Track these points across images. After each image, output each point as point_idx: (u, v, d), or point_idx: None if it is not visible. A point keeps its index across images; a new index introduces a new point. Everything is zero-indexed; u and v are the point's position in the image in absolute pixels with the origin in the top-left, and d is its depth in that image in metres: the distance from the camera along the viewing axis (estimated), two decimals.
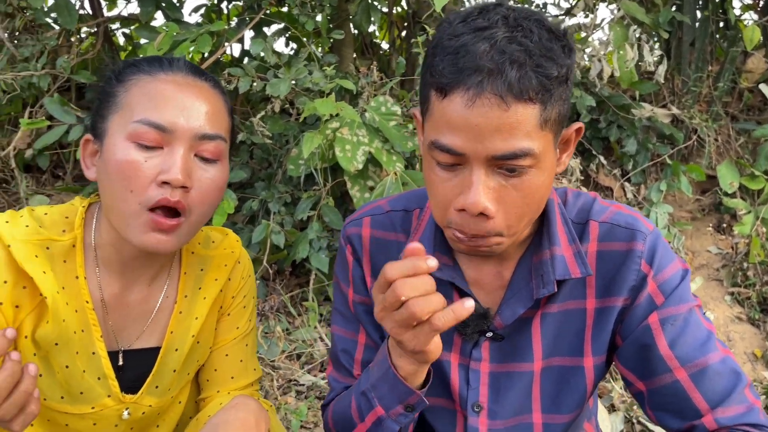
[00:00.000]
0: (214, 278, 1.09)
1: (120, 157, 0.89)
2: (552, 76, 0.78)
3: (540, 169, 0.82)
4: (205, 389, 1.13)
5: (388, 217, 1.04)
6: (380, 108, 2.41)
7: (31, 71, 2.34)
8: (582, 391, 0.97)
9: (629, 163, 2.80)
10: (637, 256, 0.91)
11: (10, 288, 0.91)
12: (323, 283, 2.54)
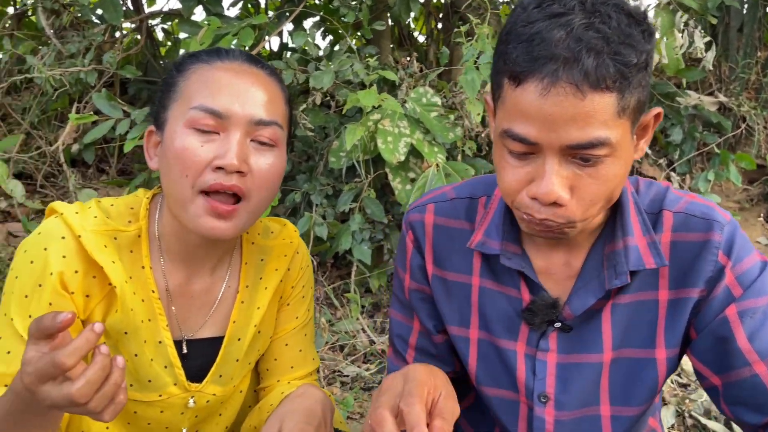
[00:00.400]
0: (274, 268, 1.10)
1: (178, 143, 0.90)
2: (631, 63, 0.76)
3: (616, 157, 0.80)
4: (264, 378, 1.14)
5: (452, 204, 1.02)
6: (421, 99, 2.40)
7: (78, 67, 2.38)
8: (653, 383, 0.95)
9: (675, 153, 2.74)
10: (714, 246, 0.89)
11: (81, 277, 0.93)
12: (365, 275, 2.55)
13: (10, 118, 3.00)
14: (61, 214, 0.94)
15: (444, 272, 1.01)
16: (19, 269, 0.93)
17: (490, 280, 0.99)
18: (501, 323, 0.98)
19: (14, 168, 2.71)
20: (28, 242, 0.94)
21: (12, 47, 2.60)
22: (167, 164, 0.91)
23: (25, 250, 0.93)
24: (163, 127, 0.94)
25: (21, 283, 0.92)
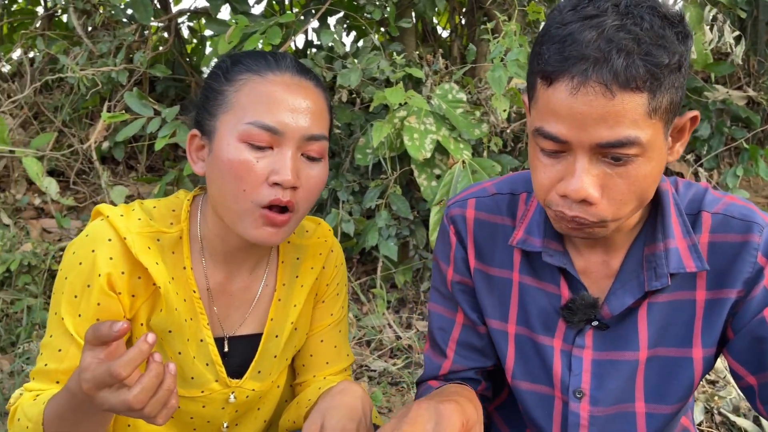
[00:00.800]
0: (310, 266, 1.12)
1: (233, 156, 0.92)
2: (662, 64, 0.76)
3: (647, 158, 0.81)
4: (301, 374, 1.17)
5: (493, 200, 1.04)
6: (446, 96, 2.40)
7: (110, 66, 2.42)
8: (689, 382, 0.96)
9: (702, 148, 2.72)
10: (753, 248, 0.89)
11: (127, 278, 0.96)
12: (390, 271, 2.57)
13: (42, 116, 3.07)
14: (107, 216, 0.97)
15: (485, 266, 1.03)
16: (69, 270, 0.96)
17: (530, 277, 1.00)
18: (539, 319, 0.99)
19: (47, 165, 2.77)
20: (77, 244, 0.97)
21: (45, 47, 2.66)
22: (220, 175, 0.93)
23: (74, 252, 0.97)
24: (212, 135, 0.96)
25: (70, 283, 0.95)
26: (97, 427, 0.88)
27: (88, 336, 0.74)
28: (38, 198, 2.80)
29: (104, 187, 2.55)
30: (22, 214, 2.83)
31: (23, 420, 0.91)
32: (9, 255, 2.40)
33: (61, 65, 2.58)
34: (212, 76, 0.99)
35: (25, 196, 2.81)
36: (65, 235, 2.68)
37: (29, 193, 2.89)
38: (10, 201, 2.81)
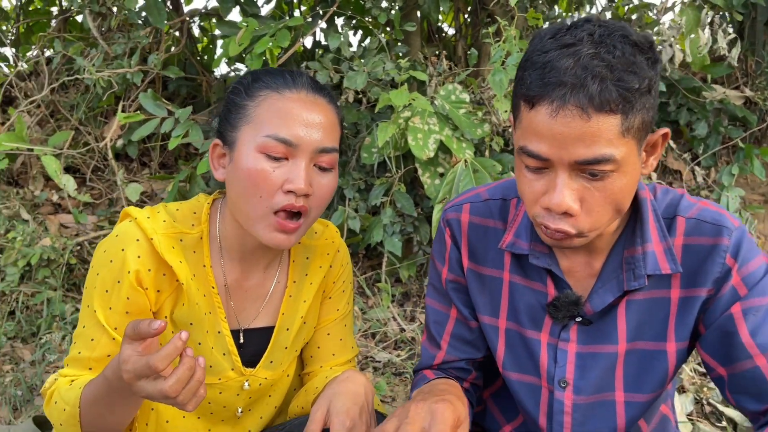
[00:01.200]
0: (318, 265, 1.21)
1: (251, 165, 1.01)
2: (633, 88, 0.84)
3: (622, 173, 0.89)
4: (309, 364, 1.26)
5: (486, 205, 1.13)
6: (450, 96, 2.48)
7: (125, 68, 2.51)
8: (664, 373, 1.05)
9: (699, 147, 2.78)
10: (722, 250, 0.98)
11: (153, 275, 1.05)
12: (395, 266, 2.66)
13: (57, 114, 3.17)
14: (135, 218, 1.06)
15: (478, 266, 1.12)
16: (100, 267, 1.06)
17: (519, 276, 1.09)
18: (527, 315, 1.08)
19: (63, 162, 2.87)
20: (107, 243, 1.06)
21: (62, 48, 2.75)
22: (239, 182, 1.03)
23: (105, 250, 1.06)
24: (233, 145, 1.05)
25: (102, 279, 1.05)
26: (129, 410, 0.98)
27: (128, 331, 0.83)
28: (56, 194, 2.90)
29: (120, 184, 2.65)
30: (40, 210, 2.93)
31: (60, 403, 1.01)
32: (29, 249, 2.51)
33: (78, 66, 2.67)
34: (234, 91, 1.08)
35: (42, 192, 2.92)
36: (82, 230, 2.78)
37: (46, 190, 2.99)
38: (28, 197, 2.91)
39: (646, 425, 1.15)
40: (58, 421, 1.02)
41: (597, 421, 1.07)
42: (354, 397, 1.02)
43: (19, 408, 2.06)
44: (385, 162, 2.48)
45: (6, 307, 2.46)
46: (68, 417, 0.99)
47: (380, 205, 2.52)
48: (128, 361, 0.83)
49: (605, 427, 1.07)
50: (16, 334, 2.39)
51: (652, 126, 0.91)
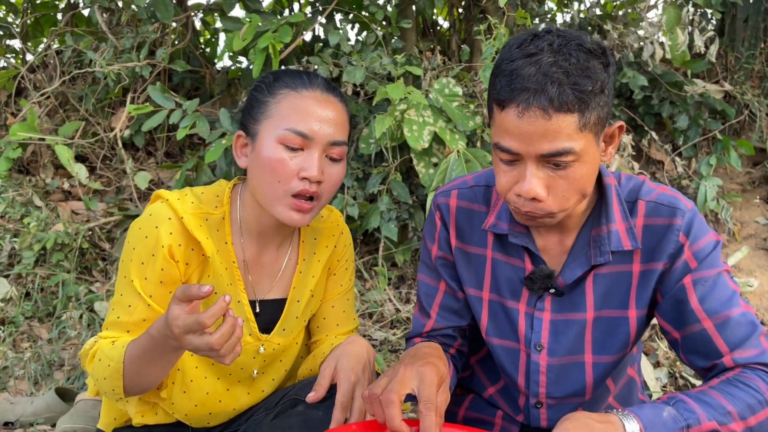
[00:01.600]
0: (325, 245, 1.36)
1: (271, 154, 1.15)
2: (587, 90, 0.99)
3: (582, 162, 1.04)
4: (315, 334, 1.41)
5: (472, 191, 1.27)
6: (443, 90, 2.62)
7: (134, 61, 2.64)
8: (626, 337, 1.20)
9: (680, 138, 2.93)
10: (676, 229, 1.13)
11: (183, 249, 1.20)
12: (391, 251, 2.80)
13: (66, 105, 3.29)
14: (167, 200, 1.21)
15: (465, 245, 1.27)
16: (136, 242, 1.20)
17: (501, 253, 1.24)
18: (507, 287, 1.23)
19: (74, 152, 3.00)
20: (141, 222, 1.21)
21: (72, 42, 2.87)
22: (260, 169, 1.17)
23: (140, 228, 1.20)
24: (255, 137, 1.20)
25: (137, 253, 1.19)
26: (166, 365, 1.12)
27: (178, 294, 0.98)
28: (66, 182, 3.03)
29: (129, 172, 2.78)
30: (51, 197, 3.06)
31: (104, 360, 1.15)
32: (44, 234, 2.64)
33: (88, 59, 2.79)
34: (257, 89, 1.23)
35: (54, 180, 3.04)
36: (92, 216, 2.91)
37: (57, 178, 3.12)
38: (40, 185, 3.04)
39: (613, 385, 1.30)
40: (102, 375, 1.16)
41: (568, 380, 1.22)
42: (358, 357, 1.17)
43: (40, 382, 2.21)
44: (382, 152, 2.62)
45: (22, 288, 2.59)
46: (112, 372, 1.14)
47: (377, 193, 2.66)
48: (178, 317, 0.98)
49: (576, 386, 1.23)
50: (33, 313, 2.53)
51: (608, 120, 1.06)
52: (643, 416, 1.00)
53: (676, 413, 1.01)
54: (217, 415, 1.30)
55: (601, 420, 0.98)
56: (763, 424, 1.05)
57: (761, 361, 1.08)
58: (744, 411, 1.03)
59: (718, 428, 1.01)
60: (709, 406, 1.02)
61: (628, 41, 2.70)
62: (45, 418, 1.93)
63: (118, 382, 1.14)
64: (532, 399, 1.25)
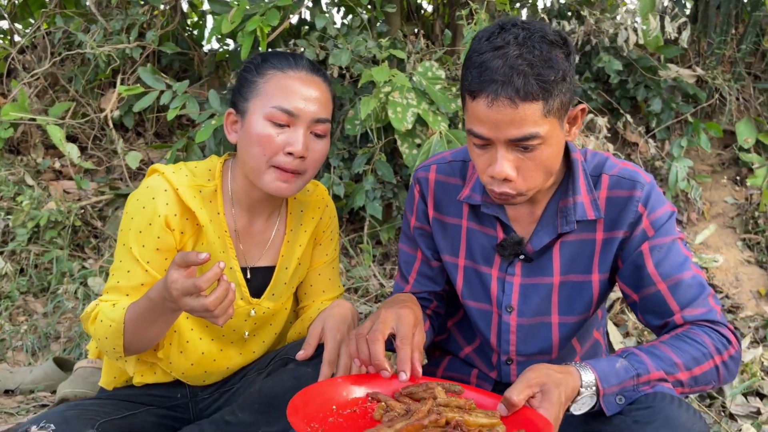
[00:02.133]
0: (311, 217, 1.46)
1: (259, 130, 1.25)
2: (550, 80, 1.09)
3: (548, 144, 1.14)
4: (302, 300, 1.52)
5: (450, 165, 1.38)
6: (427, 73, 2.70)
7: (124, 43, 2.69)
8: (589, 299, 1.31)
9: (654, 121, 3.05)
10: (636, 200, 1.24)
11: (178, 219, 1.29)
12: (376, 229, 2.90)
13: (55, 86, 3.33)
14: (163, 173, 1.29)
15: (441, 216, 1.37)
16: (134, 213, 1.28)
17: (475, 223, 1.34)
18: (481, 254, 1.34)
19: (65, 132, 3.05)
20: (139, 194, 1.29)
21: (63, 24, 2.92)
22: (248, 143, 1.26)
23: (137, 199, 1.29)
24: (244, 114, 1.28)
25: (136, 222, 1.28)
26: (164, 326, 1.22)
27: (177, 259, 1.07)
28: (57, 162, 3.09)
29: (120, 152, 2.84)
30: (43, 177, 3.12)
31: (105, 321, 1.24)
32: (37, 212, 2.71)
33: (78, 40, 2.84)
34: (246, 70, 1.31)
35: (45, 159, 3.10)
36: (83, 195, 2.98)
37: (47, 157, 3.17)
38: (31, 164, 3.09)
39: (580, 347, 1.42)
40: (103, 335, 1.25)
41: (536, 339, 1.34)
42: (343, 318, 1.28)
43: (37, 353, 2.29)
44: (367, 133, 2.70)
45: (17, 265, 2.66)
46: (113, 332, 1.23)
47: (363, 172, 2.75)
48: (177, 281, 1.07)
49: (543, 344, 1.34)
50: (28, 289, 2.60)
51: (570, 104, 1.16)
52: (598, 367, 1.11)
53: (628, 364, 1.12)
54: (212, 374, 1.40)
55: (560, 370, 1.09)
56: (707, 374, 1.17)
57: (708, 318, 1.20)
58: (689, 362, 1.15)
59: (665, 377, 1.13)
60: (658, 358, 1.14)
61: (604, 27, 2.79)
62: (44, 385, 2.02)
63: (119, 341, 1.23)
64: (503, 356, 1.36)
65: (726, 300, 2.62)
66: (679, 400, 1.10)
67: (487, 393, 1.17)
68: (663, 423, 1.06)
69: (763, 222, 2.79)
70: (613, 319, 2.41)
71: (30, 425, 1.15)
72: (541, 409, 1.03)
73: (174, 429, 1.39)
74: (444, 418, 1.00)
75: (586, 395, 1.10)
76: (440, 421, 0.99)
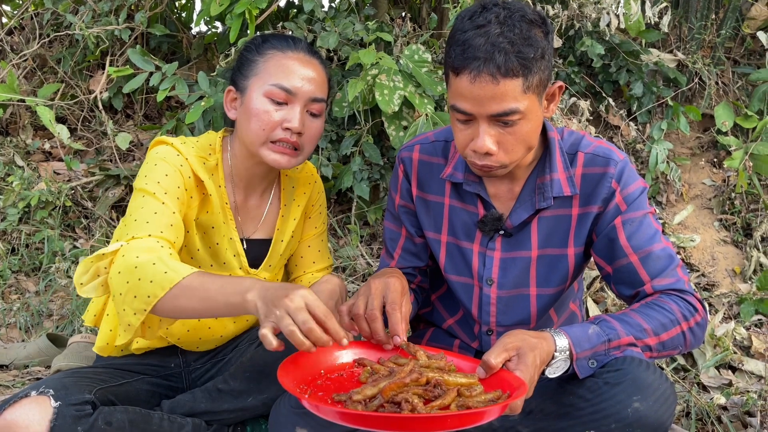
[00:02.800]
0: (303, 192, 1.52)
1: (259, 107, 1.30)
2: (530, 57, 1.15)
3: (527, 120, 1.20)
4: (293, 272, 1.58)
5: (433, 145, 1.43)
6: (413, 56, 2.75)
7: (113, 25, 2.71)
8: (565, 271, 1.38)
9: (635, 105, 3.12)
10: (609, 177, 1.30)
11: (192, 182, 1.34)
12: (363, 210, 2.96)
13: (44, 67, 3.34)
14: (172, 144, 1.35)
15: (425, 194, 1.43)
16: (157, 160, 1.32)
17: (456, 200, 1.40)
18: (463, 230, 1.40)
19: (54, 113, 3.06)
20: (158, 149, 1.33)
21: (52, 5, 2.92)
22: (248, 120, 1.32)
23: (157, 152, 1.33)
24: (244, 91, 1.34)
25: (159, 169, 1.31)
26: (207, 312, 1.15)
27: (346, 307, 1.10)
28: (47, 143, 3.11)
29: (110, 134, 2.87)
30: (32, 158, 3.14)
31: (160, 265, 1.14)
32: (28, 192, 2.74)
33: (67, 22, 2.85)
34: (247, 49, 1.37)
35: (35, 141, 3.12)
36: (73, 176, 3.01)
37: (37, 139, 3.19)
38: (21, 146, 3.11)
39: (556, 317, 1.49)
40: (134, 275, 1.13)
41: (515, 310, 1.41)
42: (331, 293, 1.34)
43: (30, 330, 2.33)
44: (355, 115, 2.75)
45: (8, 244, 2.70)
46: (161, 277, 1.13)
47: (350, 154, 2.80)
48: (301, 310, 1.04)
49: (522, 315, 1.41)
50: (20, 268, 2.64)
51: (549, 81, 1.22)
52: (572, 333, 1.18)
53: (600, 330, 1.19)
54: (206, 341, 1.46)
55: (536, 336, 1.16)
56: (674, 339, 1.24)
57: (676, 287, 1.27)
58: (657, 328, 1.22)
59: (635, 342, 1.20)
60: (628, 324, 1.21)
61: (587, 11, 2.85)
62: (38, 360, 2.06)
63: (159, 291, 1.13)
64: (484, 327, 1.43)
65: (702, 278, 2.70)
66: (647, 363, 1.18)
67: (467, 358, 1.23)
68: (631, 383, 1.13)
69: (739, 203, 2.88)
70: (593, 296, 2.49)
71: (30, 390, 1.20)
72: (516, 371, 1.09)
73: (168, 397, 1.44)
74: (425, 377, 1.06)
75: (560, 359, 1.17)
76: (421, 380, 1.05)
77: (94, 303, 1.47)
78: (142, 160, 3.00)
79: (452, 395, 1.03)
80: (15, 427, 1.12)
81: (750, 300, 2.45)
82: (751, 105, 3.01)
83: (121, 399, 1.33)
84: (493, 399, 1.04)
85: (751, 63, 3.33)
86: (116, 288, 1.16)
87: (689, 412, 1.83)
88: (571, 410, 1.19)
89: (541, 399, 1.24)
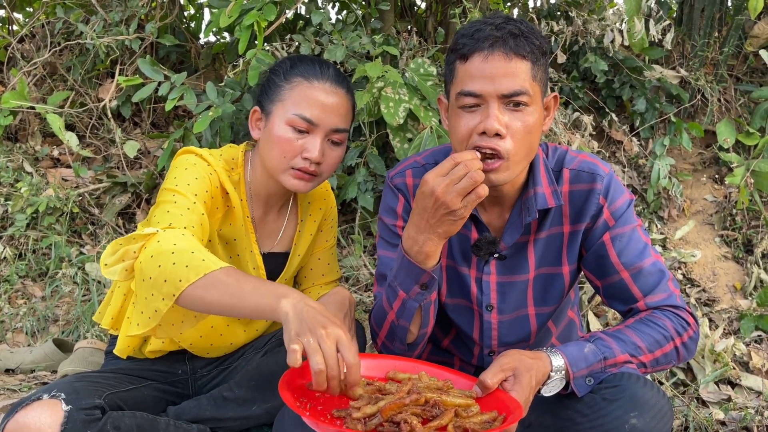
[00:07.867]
0: (318, 207, 1.58)
1: (281, 134, 1.35)
2: (537, 45, 1.19)
3: (533, 111, 1.21)
4: (302, 283, 1.62)
5: (424, 168, 1.43)
6: (419, 69, 2.79)
7: (124, 35, 2.76)
8: (561, 289, 1.40)
9: (638, 120, 3.15)
10: (597, 192, 1.33)
11: (218, 193, 1.38)
12: (367, 220, 2.99)
13: (54, 74, 3.39)
14: (201, 155, 1.38)
15: None
16: (188, 164, 1.34)
17: None
18: (459, 254, 1.41)
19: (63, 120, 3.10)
20: (187, 157, 1.36)
21: (63, 14, 2.97)
22: (270, 144, 1.36)
23: (187, 159, 1.36)
24: (268, 115, 1.39)
25: (189, 172, 1.34)
26: (226, 310, 1.11)
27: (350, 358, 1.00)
28: (56, 150, 3.15)
29: (118, 141, 2.91)
30: (41, 164, 3.18)
31: (198, 253, 1.13)
32: (36, 198, 2.77)
33: (77, 30, 2.90)
34: (275, 72, 1.41)
35: (44, 147, 3.16)
36: (81, 183, 3.04)
37: (45, 145, 3.23)
38: (30, 152, 3.15)
39: (555, 327, 1.51)
40: (170, 259, 1.12)
41: (516, 331, 1.43)
42: (340, 305, 1.37)
43: (36, 335, 2.36)
44: (360, 127, 2.78)
45: (15, 250, 2.73)
46: (202, 265, 1.11)
47: (355, 165, 2.83)
48: (330, 336, 1.00)
49: (522, 334, 1.43)
50: (27, 273, 2.67)
51: (547, 87, 1.25)
52: (568, 352, 1.20)
53: (596, 348, 1.21)
54: (217, 348, 1.49)
55: (532, 356, 1.18)
56: (667, 355, 1.26)
57: (668, 303, 1.30)
58: (652, 345, 1.24)
59: (630, 359, 1.22)
60: (622, 342, 1.23)
61: (592, 28, 2.88)
62: (44, 365, 2.09)
63: (193, 275, 1.09)
64: (486, 349, 1.45)
65: (703, 293, 2.72)
66: (644, 380, 1.20)
67: (464, 375, 1.24)
68: (628, 400, 1.15)
69: (740, 219, 2.90)
70: (594, 310, 2.51)
71: (42, 393, 1.22)
72: (512, 392, 1.11)
73: (174, 404, 1.47)
74: (423, 397, 1.08)
75: (556, 378, 1.19)
76: (420, 400, 1.07)
77: (111, 306, 1.45)
78: (149, 168, 3.04)
79: (449, 416, 1.05)
80: (27, 429, 1.15)
81: (750, 316, 2.47)
82: (752, 122, 3.04)
83: (129, 404, 1.36)
84: (489, 420, 1.06)
85: (753, 81, 3.36)
86: (145, 272, 1.13)
87: (688, 426, 1.85)
88: (569, 425, 1.21)
89: (540, 413, 1.26)
